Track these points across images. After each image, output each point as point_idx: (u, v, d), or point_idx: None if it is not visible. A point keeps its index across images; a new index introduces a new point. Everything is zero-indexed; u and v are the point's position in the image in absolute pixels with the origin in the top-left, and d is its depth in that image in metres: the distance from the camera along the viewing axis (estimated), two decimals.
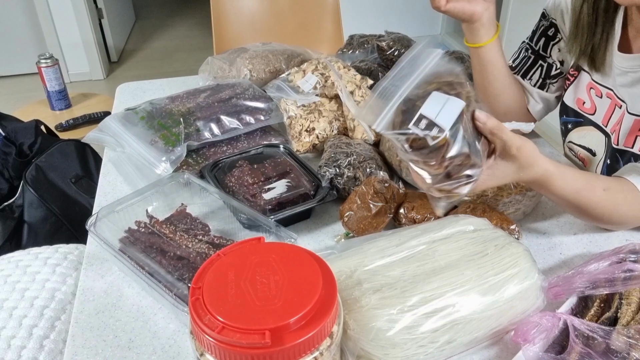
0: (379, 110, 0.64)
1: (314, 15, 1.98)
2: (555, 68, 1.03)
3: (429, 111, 0.62)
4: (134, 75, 3.68)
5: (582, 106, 0.99)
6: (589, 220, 0.84)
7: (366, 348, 0.58)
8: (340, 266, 0.65)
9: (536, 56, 1.04)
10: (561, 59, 1.02)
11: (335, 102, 1.11)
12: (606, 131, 0.94)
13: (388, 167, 0.98)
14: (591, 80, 0.96)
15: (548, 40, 1.02)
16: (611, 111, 0.92)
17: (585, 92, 0.97)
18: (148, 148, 0.98)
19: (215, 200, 0.85)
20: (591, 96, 0.96)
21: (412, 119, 0.62)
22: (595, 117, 0.96)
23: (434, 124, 0.61)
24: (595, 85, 0.95)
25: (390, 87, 0.65)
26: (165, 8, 5.06)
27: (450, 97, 0.63)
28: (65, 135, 2.03)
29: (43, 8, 3.31)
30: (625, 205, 0.80)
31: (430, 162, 0.64)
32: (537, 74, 1.04)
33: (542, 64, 1.04)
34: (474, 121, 0.65)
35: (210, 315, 0.47)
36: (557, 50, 1.02)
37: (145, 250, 0.76)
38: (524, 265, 0.66)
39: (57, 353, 0.87)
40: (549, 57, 1.03)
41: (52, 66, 2.14)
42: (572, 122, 1.03)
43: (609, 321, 0.65)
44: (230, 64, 1.24)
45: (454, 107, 0.63)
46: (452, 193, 0.68)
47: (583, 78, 0.98)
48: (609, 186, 0.79)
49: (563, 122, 1.06)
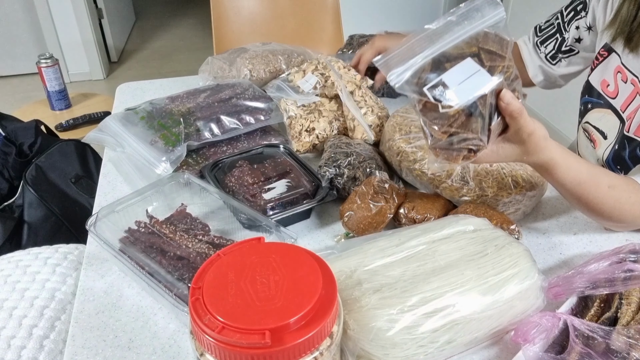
0: (407, 58, 0.61)
1: (314, 15, 1.98)
2: (565, 44, 1.03)
3: (452, 79, 0.59)
4: (134, 75, 3.68)
5: (605, 88, 0.98)
6: (590, 214, 0.84)
7: (366, 348, 0.58)
8: (340, 266, 0.65)
9: (558, 28, 1.04)
10: (577, 36, 1.01)
11: (335, 102, 1.11)
12: (622, 117, 0.93)
13: (388, 167, 0.98)
14: (620, 63, 0.95)
15: (574, 15, 1.02)
16: (632, 98, 0.92)
17: (612, 74, 0.96)
18: (148, 148, 0.98)
19: (215, 200, 0.85)
20: (617, 80, 0.95)
21: (432, 80, 0.59)
22: (615, 102, 0.96)
23: (449, 93, 0.59)
24: (623, 70, 0.94)
25: (431, 36, 0.61)
26: (165, 8, 5.06)
27: (481, 69, 0.60)
28: (65, 135, 2.03)
29: (43, 8, 3.31)
30: (627, 205, 0.80)
31: (435, 127, 0.62)
32: (551, 44, 1.05)
33: (558, 37, 1.04)
34: (498, 99, 0.63)
35: (210, 315, 0.47)
36: (575, 27, 1.01)
37: (145, 250, 0.76)
38: (524, 265, 0.66)
39: (57, 353, 0.87)
40: (566, 32, 1.03)
41: (52, 66, 2.14)
42: (593, 103, 1.02)
43: (609, 321, 0.65)
44: (230, 64, 1.24)
45: (479, 82, 0.59)
46: (448, 160, 0.67)
47: (612, 60, 0.96)
48: (615, 184, 0.79)
49: (584, 101, 1.05)
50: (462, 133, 0.62)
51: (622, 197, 0.79)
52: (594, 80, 1.01)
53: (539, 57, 1.09)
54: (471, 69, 0.60)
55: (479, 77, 0.60)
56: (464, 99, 0.59)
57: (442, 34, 0.61)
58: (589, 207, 0.80)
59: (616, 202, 0.79)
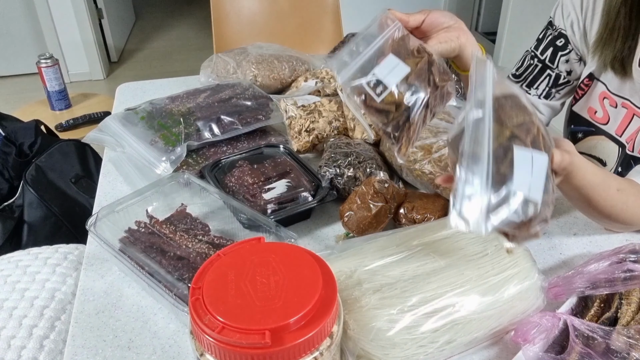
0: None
1: (314, 15, 1.98)
2: (562, 77, 1.02)
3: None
4: (134, 75, 3.68)
5: (593, 115, 0.98)
6: (596, 217, 0.84)
7: (366, 348, 0.58)
8: (340, 266, 0.65)
9: (543, 65, 1.03)
10: (569, 69, 1.01)
11: (335, 102, 1.11)
12: (620, 141, 0.93)
13: (388, 167, 0.98)
14: (606, 90, 0.95)
15: (556, 50, 1.01)
16: (628, 120, 0.92)
17: (598, 101, 0.96)
18: (148, 148, 0.98)
19: (215, 200, 0.85)
20: (604, 106, 0.96)
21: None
22: (608, 127, 0.95)
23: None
24: (610, 95, 0.94)
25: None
26: (165, 8, 5.06)
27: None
28: (65, 135, 2.03)
29: (43, 8, 3.31)
30: (634, 208, 0.80)
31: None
32: (544, 83, 1.03)
33: (549, 73, 1.02)
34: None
35: (210, 315, 0.47)
36: (565, 61, 1.00)
37: (145, 250, 0.76)
38: (524, 265, 0.66)
39: (57, 353, 0.87)
40: (556, 68, 1.01)
41: (52, 66, 2.14)
42: (582, 131, 1.02)
43: (609, 321, 0.65)
44: (237, 65, 1.25)
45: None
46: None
47: (597, 88, 0.97)
48: (623, 187, 0.79)
49: (572, 131, 1.04)
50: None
51: (629, 200, 0.79)
52: (579, 109, 1.01)
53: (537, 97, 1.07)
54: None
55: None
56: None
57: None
58: (599, 210, 0.80)
59: (624, 205, 0.79)
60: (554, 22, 1.01)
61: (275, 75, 1.24)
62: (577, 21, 0.96)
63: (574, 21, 0.97)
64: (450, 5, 3.80)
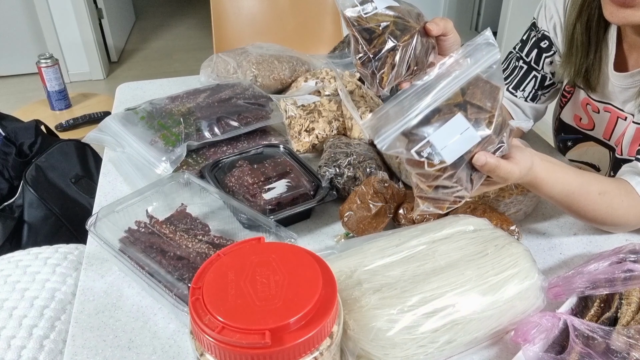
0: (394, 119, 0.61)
1: (314, 15, 1.98)
2: (548, 79, 1.01)
3: (440, 138, 0.60)
4: (134, 75, 3.68)
5: (579, 122, 0.98)
6: (583, 220, 0.84)
7: (366, 348, 0.58)
8: (340, 266, 0.65)
9: (529, 67, 1.02)
10: (553, 71, 1.00)
11: (335, 102, 1.11)
12: (609, 144, 0.93)
13: (387, 168, 0.98)
14: (587, 96, 0.94)
15: (541, 52, 0.99)
16: (613, 124, 0.91)
17: (582, 108, 0.96)
18: (148, 148, 0.98)
19: (215, 200, 0.85)
20: (588, 112, 0.95)
21: (420, 141, 0.60)
22: (595, 132, 0.95)
23: (436, 153, 0.60)
24: (591, 101, 0.94)
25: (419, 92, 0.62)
26: (165, 8, 5.06)
27: (469, 127, 0.61)
28: (65, 135, 2.03)
29: (43, 8, 3.31)
30: (621, 210, 0.79)
31: (422, 179, 0.65)
32: (530, 85, 1.02)
33: (535, 75, 1.01)
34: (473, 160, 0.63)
35: (210, 315, 0.47)
36: (549, 62, 0.99)
37: (145, 250, 0.76)
38: (524, 265, 0.66)
39: (57, 353, 0.87)
40: (541, 70, 1.00)
41: (52, 66, 2.14)
42: (571, 139, 1.01)
43: (609, 321, 0.65)
44: (237, 65, 1.25)
45: (466, 140, 0.61)
46: (435, 207, 0.68)
47: (579, 95, 0.96)
48: (605, 190, 0.78)
49: (561, 139, 1.04)
50: (448, 185, 0.64)
51: (614, 202, 0.79)
52: (565, 117, 1.01)
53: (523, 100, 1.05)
54: (459, 126, 0.61)
55: (466, 134, 0.61)
56: (451, 159, 0.61)
57: (430, 88, 0.62)
58: (581, 215, 0.80)
59: (608, 208, 0.79)
60: (537, 24, 1.00)
61: (275, 75, 1.24)
62: (560, 23, 0.95)
63: (556, 23, 0.96)
64: (450, 5, 3.80)
